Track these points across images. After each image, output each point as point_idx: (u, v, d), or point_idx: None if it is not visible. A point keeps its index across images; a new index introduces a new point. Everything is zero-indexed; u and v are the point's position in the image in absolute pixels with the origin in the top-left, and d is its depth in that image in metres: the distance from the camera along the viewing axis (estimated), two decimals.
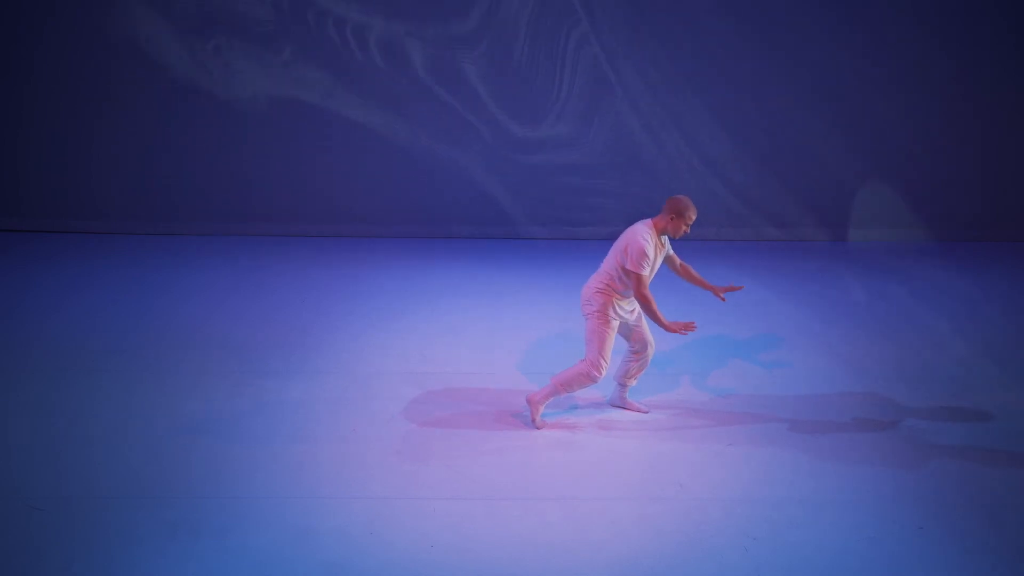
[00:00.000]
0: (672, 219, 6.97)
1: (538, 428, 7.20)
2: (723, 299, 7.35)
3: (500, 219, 11.27)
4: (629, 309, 7.13)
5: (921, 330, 8.97)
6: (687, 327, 6.98)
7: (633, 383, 7.43)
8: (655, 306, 6.94)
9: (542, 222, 11.29)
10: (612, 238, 11.54)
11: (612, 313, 7.04)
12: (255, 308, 9.21)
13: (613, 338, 7.09)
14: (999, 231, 11.32)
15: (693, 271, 7.31)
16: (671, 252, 7.20)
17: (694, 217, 7.00)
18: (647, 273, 6.92)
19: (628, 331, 7.29)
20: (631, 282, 6.93)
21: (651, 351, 7.34)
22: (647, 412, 7.45)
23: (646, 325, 7.30)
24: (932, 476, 6.72)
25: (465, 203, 11.23)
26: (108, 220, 11.13)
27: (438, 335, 8.72)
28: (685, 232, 7.04)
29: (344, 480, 6.58)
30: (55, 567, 5.75)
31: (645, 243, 6.89)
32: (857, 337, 8.80)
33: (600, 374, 7.06)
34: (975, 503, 6.44)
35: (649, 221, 7.03)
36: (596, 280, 7.09)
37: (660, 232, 7.01)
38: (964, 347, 8.66)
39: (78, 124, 10.97)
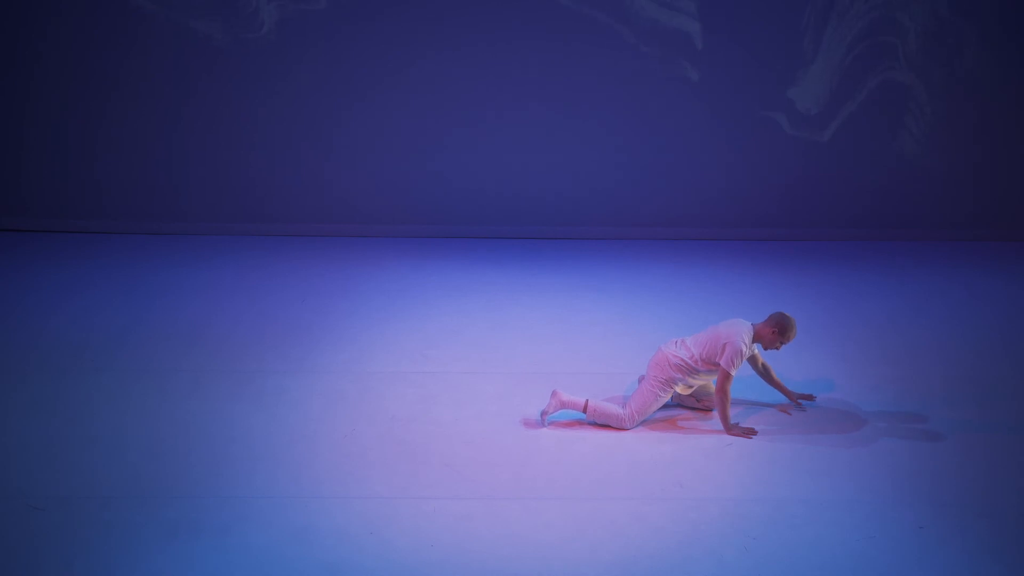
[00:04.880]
0: (773, 333, 7.18)
1: (542, 423, 7.23)
2: (800, 405, 7.52)
3: (501, 218, 11.26)
4: (695, 385, 7.35)
5: (921, 331, 8.97)
6: (748, 432, 7.20)
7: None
8: (728, 407, 7.17)
9: (542, 221, 11.28)
10: (614, 237, 11.64)
11: (673, 387, 7.27)
12: (255, 308, 9.21)
13: (659, 406, 7.31)
14: (997, 231, 11.31)
15: (773, 372, 7.53)
16: (756, 352, 7.41)
17: (793, 338, 7.23)
18: (735, 372, 7.14)
19: (689, 394, 7.49)
20: (718, 377, 7.17)
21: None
22: None
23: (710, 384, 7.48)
24: (932, 476, 6.72)
25: (466, 202, 11.22)
26: (109, 219, 11.12)
27: (438, 335, 8.72)
28: (777, 348, 7.26)
29: (344, 480, 6.59)
30: (55, 567, 5.76)
31: (743, 347, 7.10)
32: (856, 337, 8.79)
33: (630, 428, 7.22)
34: (975, 503, 6.44)
35: (750, 325, 7.21)
36: (677, 354, 7.26)
37: (757, 339, 7.23)
38: (964, 348, 8.65)
39: (78, 124, 10.95)
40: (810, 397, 7.59)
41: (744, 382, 7.72)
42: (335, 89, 10.89)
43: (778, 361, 7.82)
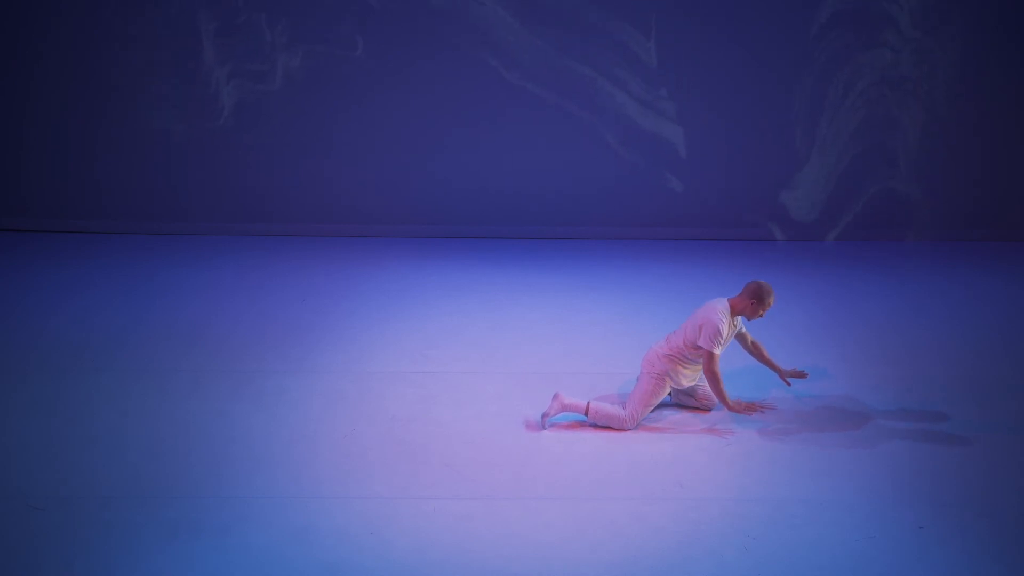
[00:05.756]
0: (752, 304, 7.17)
1: (543, 426, 7.22)
2: (788, 384, 7.50)
3: (501, 218, 11.26)
4: (690, 376, 7.32)
5: (921, 331, 8.97)
6: (751, 408, 7.21)
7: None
8: (722, 385, 7.14)
9: (542, 221, 11.28)
10: (614, 237, 11.63)
11: (669, 380, 7.26)
12: (255, 308, 9.21)
13: (657, 402, 7.31)
14: (997, 231, 11.31)
15: (764, 350, 7.50)
16: (743, 330, 7.38)
17: (772, 303, 7.19)
18: (719, 352, 7.10)
19: (687, 393, 7.47)
20: (703, 358, 7.13)
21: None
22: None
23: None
24: (932, 476, 6.72)
25: (466, 202, 11.22)
26: (109, 219, 11.13)
27: (438, 335, 8.72)
28: (760, 316, 7.22)
29: (344, 480, 6.59)
30: (55, 567, 5.75)
31: (720, 323, 7.07)
32: (856, 337, 8.80)
33: (631, 428, 7.22)
34: (975, 503, 6.44)
35: (726, 301, 7.20)
36: (665, 346, 7.29)
37: (736, 313, 7.21)
38: (964, 348, 8.65)
39: (78, 124, 10.96)
40: (802, 374, 7.52)
41: (742, 384, 7.73)
42: (334, 89, 10.90)
43: (779, 364, 7.83)
